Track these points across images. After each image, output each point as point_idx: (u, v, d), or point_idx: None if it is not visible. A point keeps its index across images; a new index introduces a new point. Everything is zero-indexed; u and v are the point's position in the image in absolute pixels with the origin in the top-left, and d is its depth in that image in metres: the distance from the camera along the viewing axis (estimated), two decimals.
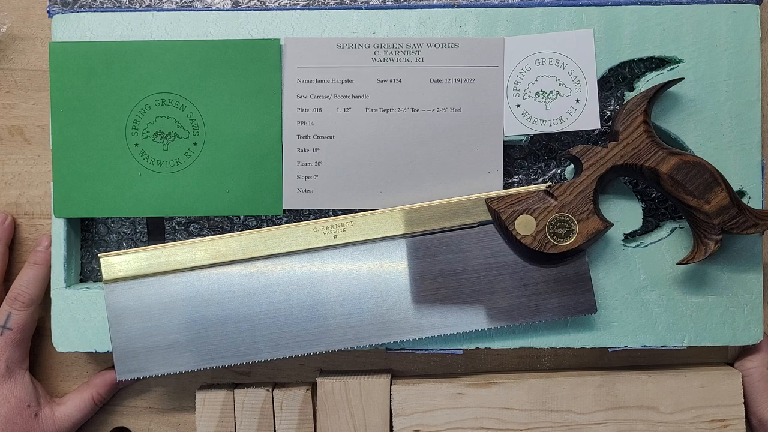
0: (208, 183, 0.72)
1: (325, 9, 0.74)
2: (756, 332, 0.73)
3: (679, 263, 0.71)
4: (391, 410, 0.73)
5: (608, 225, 0.70)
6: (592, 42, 0.72)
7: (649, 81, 0.73)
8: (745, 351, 0.76)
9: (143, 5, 0.76)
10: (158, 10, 0.74)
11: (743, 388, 0.74)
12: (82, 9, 0.74)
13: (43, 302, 0.76)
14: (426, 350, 0.73)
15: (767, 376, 0.74)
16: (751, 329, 0.73)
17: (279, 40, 0.72)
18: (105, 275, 0.70)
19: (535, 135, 0.73)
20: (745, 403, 0.74)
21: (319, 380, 0.73)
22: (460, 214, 0.71)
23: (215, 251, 0.71)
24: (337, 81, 0.72)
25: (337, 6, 0.75)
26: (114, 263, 0.70)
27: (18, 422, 0.73)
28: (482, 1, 0.75)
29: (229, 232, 0.77)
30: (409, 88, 0.72)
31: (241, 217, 0.77)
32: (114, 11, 0.74)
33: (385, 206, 0.72)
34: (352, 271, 0.71)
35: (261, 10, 0.74)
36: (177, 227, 0.77)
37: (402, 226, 0.71)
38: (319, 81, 0.73)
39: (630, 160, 0.69)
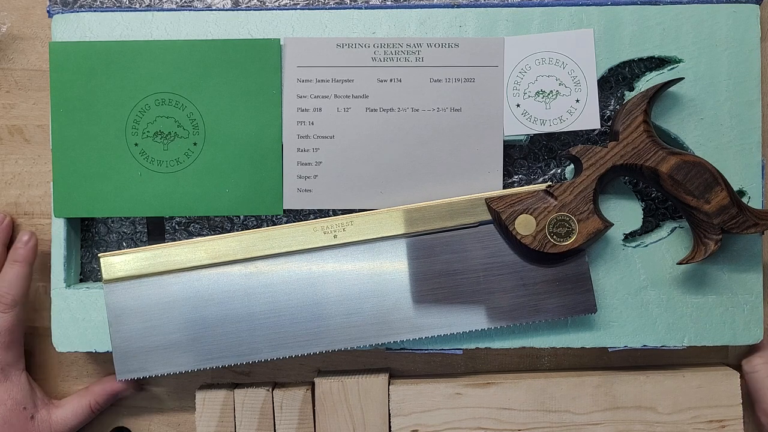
0: (208, 183, 0.72)
1: (325, 9, 0.74)
2: (756, 332, 0.73)
3: (679, 263, 0.71)
4: (389, 410, 0.73)
5: (608, 225, 0.70)
6: (592, 42, 0.72)
7: (649, 81, 0.73)
8: (753, 348, 0.76)
9: (143, 5, 0.76)
10: (158, 10, 0.74)
11: (751, 386, 0.74)
12: (82, 9, 0.74)
13: (43, 302, 0.76)
14: (426, 350, 0.73)
15: None
16: (751, 329, 0.72)
17: (279, 40, 0.72)
18: (105, 275, 0.70)
19: (535, 135, 0.73)
20: (753, 400, 0.74)
21: (317, 380, 0.73)
22: (460, 214, 0.71)
23: (215, 251, 0.71)
24: (337, 81, 0.72)
25: (337, 6, 0.75)
26: (114, 263, 0.70)
27: (14, 424, 0.72)
28: (482, 1, 0.75)
29: (229, 232, 0.77)
30: (409, 88, 0.72)
31: (241, 217, 0.77)
32: (114, 11, 0.74)
33: (385, 206, 0.72)
34: (352, 271, 0.71)
35: (261, 10, 0.74)
36: (177, 227, 0.77)
37: (402, 226, 0.71)
38: (319, 81, 0.73)
39: (630, 159, 0.69)
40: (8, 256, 0.74)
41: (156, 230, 0.77)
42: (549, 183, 0.70)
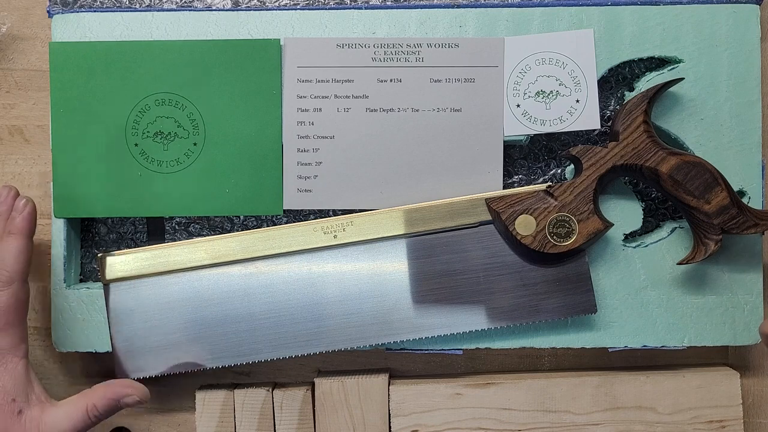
0: (208, 183, 0.72)
1: (325, 9, 0.74)
2: (756, 332, 0.72)
3: (679, 263, 0.71)
4: (389, 410, 0.73)
5: (608, 225, 0.70)
6: (592, 42, 0.72)
7: (649, 81, 0.73)
8: None
9: (143, 5, 0.76)
10: (158, 10, 0.74)
11: None
12: (82, 9, 0.74)
13: (43, 302, 0.76)
14: (426, 350, 0.73)
15: None
16: (751, 329, 0.72)
17: (279, 40, 0.72)
18: (105, 275, 0.70)
19: (535, 135, 0.73)
20: None
21: (317, 381, 0.73)
22: (460, 214, 0.71)
23: (215, 251, 0.71)
24: (337, 81, 0.72)
25: (337, 6, 0.75)
26: (114, 263, 0.70)
27: None
28: (482, 1, 0.75)
29: (229, 232, 0.77)
30: (409, 88, 0.72)
31: (241, 217, 0.77)
32: (114, 11, 0.74)
33: (385, 206, 0.72)
34: (352, 271, 0.71)
35: (261, 10, 0.74)
36: (177, 227, 0.77)
37: (402, 226, 0.71)
38: (319, 81, 0.73)
39: (630, 160, 0.69)
40: (5, 228, 0.66)
41: (156, 230, 0.77)
42: (549, 183, 0.70)
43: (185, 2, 0.77)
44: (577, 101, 0.72)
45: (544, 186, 0.70)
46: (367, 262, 0.71)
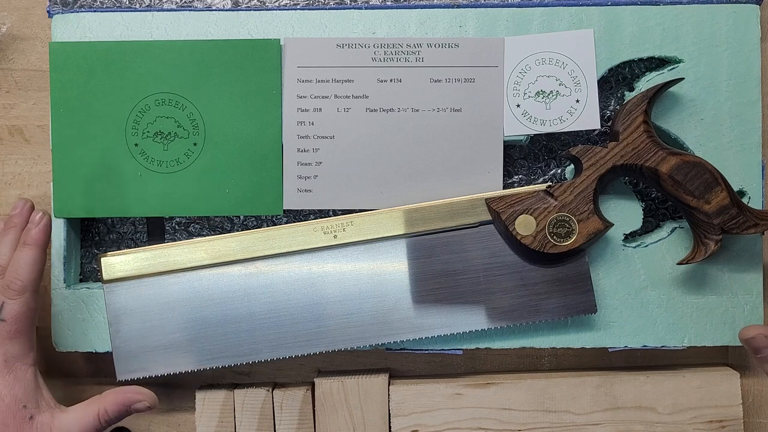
0: (208, 183, 0.72)
1: (325, 9, 0.74)
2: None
3: (679, 263, 0.70)
4: (389, 410, 0.73)
5: (608, 225, 0.70)
6: (592, 42, 0.72)
7: (649, 81, 0.73)
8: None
9: (143, 5, 0.76)
10: (158, 10, 0.74)
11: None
12: (82, 9, 0.74)
13: (43, 302, 0.76)
14: (426, 350, 0.73)
15: None
16: None
17: (279, 40, 0.72)
18: (105, 275, 0.70)
19: (535, 135, 0.73)
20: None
21: (317, 381, 0.73)
22: (460, 214, 0.71)
23: (215, 251, 0.71)
24: (337, 81, 0.72)
25: (337, 6, 0.75)
26: (114, 263, 0.70)
27: (9, 424, 0.65)
28: (482, 1, 0.75)
29: (229, 232, 0.77)
30: (409, 88, 0.72)
31: (241, 217, 0.77)
32: (114, 11, 0.74)
33: (385, 206, 0.72)
34: (352, 271, 0.71)
35: (261, 10, 0.74)
36: (177, 227, 0.77)
37: (402, 226, 0.71)
38: (319, 81, 0.73)
39: (630, 160, 0.69)
40: (20, 239, 0.69)
41: (156, 230, 0.77)
42: (549, 183, 0.70)
43: (185, 2, 0.77)
44: (577, 101, 0.72)
45: (544, 186, 0.70)
46: (367, 262, 0.71)
